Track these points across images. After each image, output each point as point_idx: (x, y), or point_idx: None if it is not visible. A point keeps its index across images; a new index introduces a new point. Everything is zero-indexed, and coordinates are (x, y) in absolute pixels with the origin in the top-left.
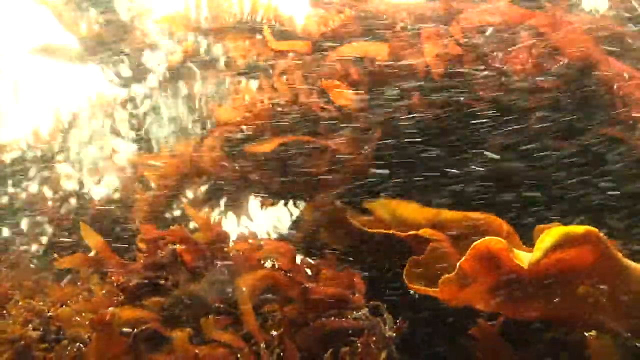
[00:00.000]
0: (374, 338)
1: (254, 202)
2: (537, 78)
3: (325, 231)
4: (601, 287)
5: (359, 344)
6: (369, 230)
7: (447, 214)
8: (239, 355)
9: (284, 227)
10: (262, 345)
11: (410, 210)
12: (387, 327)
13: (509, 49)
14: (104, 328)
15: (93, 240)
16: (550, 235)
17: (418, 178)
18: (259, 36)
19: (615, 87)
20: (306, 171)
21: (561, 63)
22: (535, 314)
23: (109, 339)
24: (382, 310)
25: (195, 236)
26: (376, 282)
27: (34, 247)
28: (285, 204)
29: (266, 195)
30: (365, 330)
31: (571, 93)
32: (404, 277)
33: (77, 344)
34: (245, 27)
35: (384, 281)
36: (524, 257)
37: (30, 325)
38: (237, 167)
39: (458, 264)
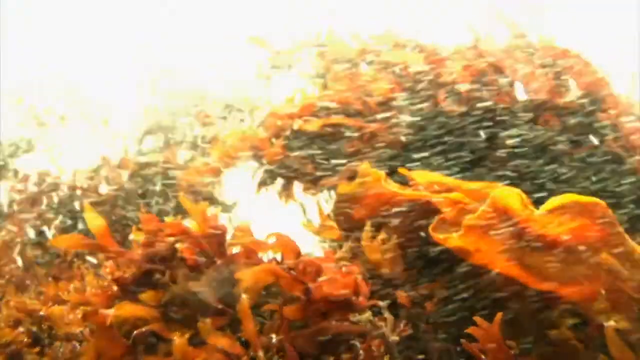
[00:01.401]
0: (377, 342)
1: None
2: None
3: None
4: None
5: (360, 350)
6: (403, 194)
7: (473, 183)
8: None
9: None
10: (260, 354)
11: (442, 178)
12: (389, 331)
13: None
14: (103, 330)
15: (95, 223)
16: (560, 197)
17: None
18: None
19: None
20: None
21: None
22: (549, 283)
23: (107, 340)
24: (383, 311)
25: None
26: None
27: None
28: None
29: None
30: (368, 335)
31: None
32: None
33: (73, 342)
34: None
35: None
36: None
37: (20, 328)
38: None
39: (480, 208)
